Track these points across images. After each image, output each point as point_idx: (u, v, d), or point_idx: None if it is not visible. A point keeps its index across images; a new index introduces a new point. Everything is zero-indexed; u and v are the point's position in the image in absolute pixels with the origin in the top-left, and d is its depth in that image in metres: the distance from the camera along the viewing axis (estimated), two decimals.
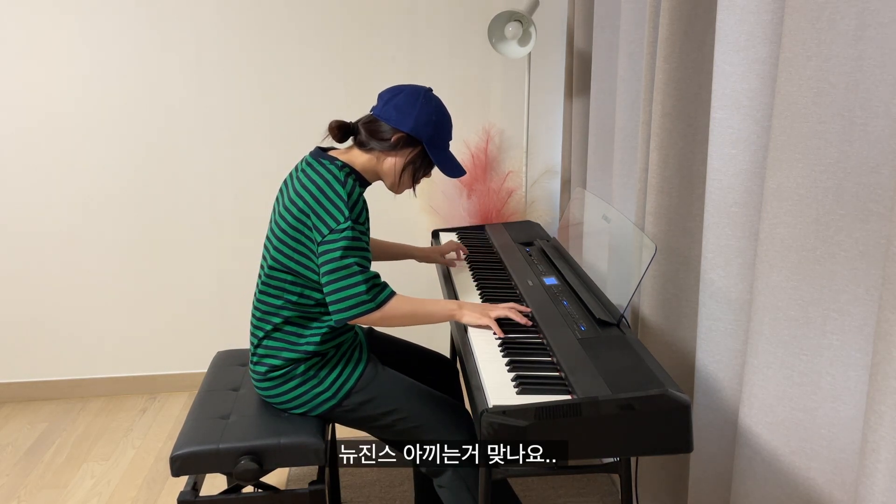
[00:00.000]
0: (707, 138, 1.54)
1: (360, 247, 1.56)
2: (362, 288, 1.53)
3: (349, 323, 1.57)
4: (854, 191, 1.11)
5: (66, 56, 2.64)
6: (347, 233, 1.53)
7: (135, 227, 2.82)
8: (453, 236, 2.35)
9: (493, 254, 2.15)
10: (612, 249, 1.79)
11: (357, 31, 2.73)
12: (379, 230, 2.91)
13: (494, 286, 1.87)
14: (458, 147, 2.86)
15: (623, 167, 2.03)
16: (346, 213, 1.54)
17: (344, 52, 2.74)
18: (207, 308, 2.93)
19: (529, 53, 2.55)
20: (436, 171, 1.74)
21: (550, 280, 1.85)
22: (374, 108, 1.69)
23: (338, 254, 1.53)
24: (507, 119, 2.87)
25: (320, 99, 2.78)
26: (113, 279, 2.86)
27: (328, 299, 1.56)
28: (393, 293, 1.59)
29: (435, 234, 2.42)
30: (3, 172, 2.72)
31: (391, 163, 1.67)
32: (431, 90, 1.70)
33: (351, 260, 1.53)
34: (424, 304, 1.64)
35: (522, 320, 1.60)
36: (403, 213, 2.90)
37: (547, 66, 2.85)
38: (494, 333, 1.58)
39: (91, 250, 2.82)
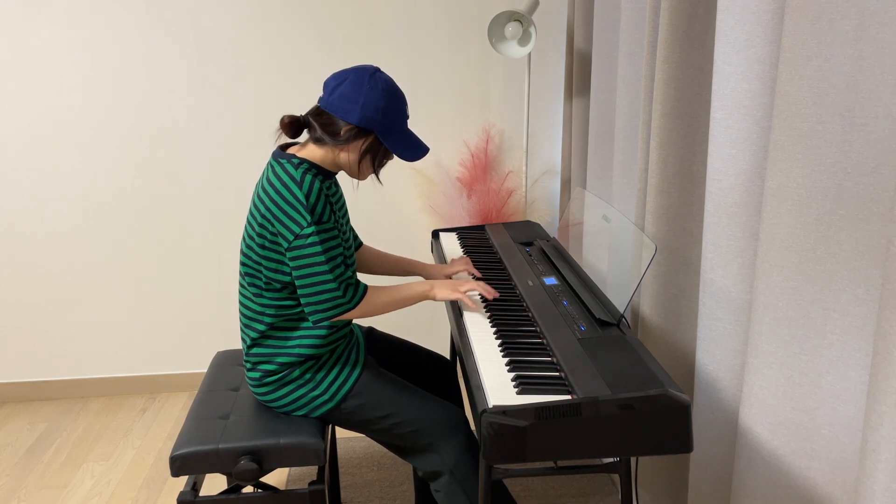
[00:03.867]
0: (707, 138, 1.54)
1: (329, 247, 1.55)
2: (338, 292, 1.56)
3: (329, 321, 1.60)
4: (854, 191, 1.11)
5: (67, 56, 2.64)
6: (314, 238, 1.53)
7: (135, 227, 2.82)
8: (453, 236, 2.35)
9: (493, 254, 2.15)
10: (612, 249, 1.79)
11: (357, 31, 2.73)
12: (379, 230, 2.92)
13: (494, 286, 1.87)
14: (459, 147, 2.86)
15: (623, 167, 2.03)
16: (308, 217, 1.52)
17: (344, 53, 2.74)
18: (207, 308, 2.93)
19: (529, 53, 2.55)
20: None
21: (550, 280, 1.85)
22: (321, 99, 1.62)
23: (308, 260, 1.53)
24: (507, 119, 2.87)
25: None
26: (113, 279, 2.86)
27: (303, 301, 1.57)
28: (366, 288, 1.61)
29: (435, 234, 2.41)
30: (4, 173, 2.72)
31: (345, 156, 1.61)
32: (378, 70, 1.61)
33: (323, 267, 1.53)
34: (398, 290, 1.66)
35: (490, 296, 1.68)
36: (403, 214, 2.91)
37: (547, 66, 2.85)
38: (489, 316, 1.63)
39: (91, 250, 2.83)
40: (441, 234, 2.40)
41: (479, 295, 1.80)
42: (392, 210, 2.90)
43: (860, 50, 1.06)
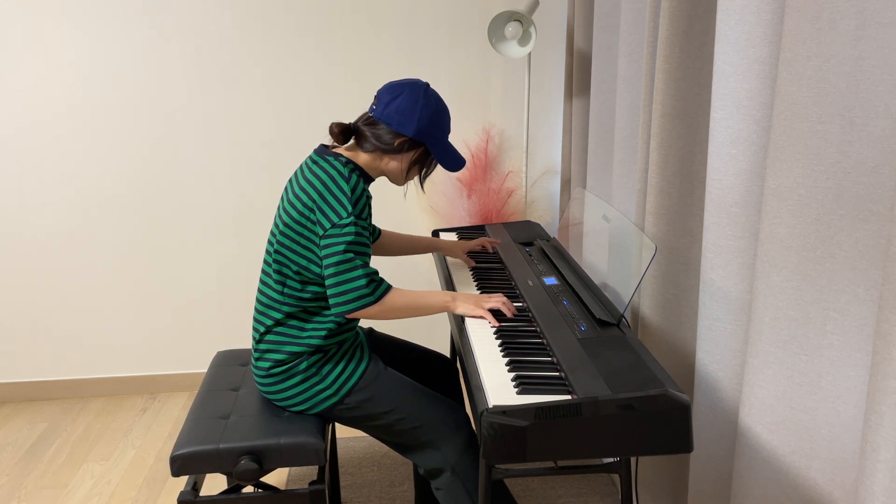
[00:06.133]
0: (707, 138, 1.54)
1: (362, 242, 1.58)
2: (363, 282, 1.56)
3: (348, 316, 1.59)
4: (854, 191, 1.11)
5: (66, 56, 2.64)
6: (350, 228, 1.55)
7: (135, 227, 2.82)
8: (453, 236, 2.35)
9: (494, 254, 2.15)
10: (612, 249, 1.79)
11: (358, 31, 2.73)
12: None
13: (494, 286, 1.87)
14: (459, 147, 2.87)
15: (623, 167, 2.03)
16: (350, 208, 1.56)
17: (344, 52, 2.74)
18: (207, 308, 2.93)
19: (529, 53, 2.55)
20: (438, 170, 1.75)
21: (550, 280, 1.85)
22: (373, 110, 1.68)
23: (341, 247, 1.55)
24: (507, 119, 2.87)
25: (321, 99, 2.78)
26: (113, 279, 2.86)
27: (329, 292, 1.58)
28: (390, 287, 1.62)
29: (435, 234, 2.41)
30: (3, 173, 2.72)
31: (396, 165, 1.70)
32: (429, 85, 1.71)
33: (352, 255, 1.56)
34: (420, 296, 1.67)
35: (510, 313, 1.66)
36: (404, 213, 2.91)
37: (547, 66, 2.85)
38: (490, 324, 1.62)
39: (91, 250, 2.83)
40: (441, 234, 2.40)
41: (481, 289, 1.80)
42: (392, 210, 2.90)
43: (860, 50, 1.06)
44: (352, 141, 1.73)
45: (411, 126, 1.64)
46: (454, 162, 1.75)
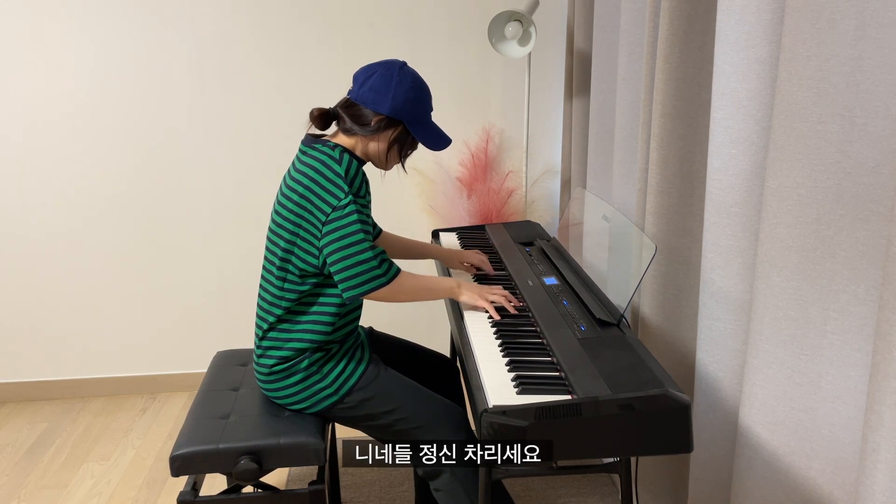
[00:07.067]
0: (707, 138, 1.54)
1: (364, 221, 1.57)
2: (374, 263, 1.56)
3: (361, 298, 1.59)
4: (854, 191, 1.11)
5: (67, 58, 2.64)
6: (351, 207, 1.54)
7: (135, 227, 2.82)
8: (453, 236, 2.35)
9: (494, 254, 2.14)
10: (613, 249, 1.79)
11: (357, 32, 2.73)
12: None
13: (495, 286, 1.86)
14: (459, 147, 2.86)
15: (623, 167, 2.03)
16: (346, 188, 1.55)
17: (344, 53, 2.74)
18: (207, 308, 2.93)
19: (529, 53, 2.55)
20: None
21: (550, 280, 1.85)
22: (350, 91, 1.67)
23: (345, 231, 1.54)
24: (507, 119, 2.87)
25: (321, 100, 2.77)
26: (113, 279, 2.86)
27: (337, 277, 1.56)
28: (400, 268, 1.63)
29: (435, 234, 2.41)
30: (4, 174, 2.72)
31: (375, 146, 1.67)
32: (405, 64, 1.68)
33: (360, 236, 1.54)
34: (427, 280, 1.69)
35: (512, 310, 1.67)
36: (403, 213, 2.90)
37: (547, 66, 2.85)
38: (489, 317, 1.64)
39: (92, 250, 2.82)
40: (441, 234, 2.40)
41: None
42: (392, 210, 2.90)
43: (860, 50, 1.06)
44: (334, 126, 1.71)
45: (386, 104, 1.62)
46: (437, 141, 1.71)
